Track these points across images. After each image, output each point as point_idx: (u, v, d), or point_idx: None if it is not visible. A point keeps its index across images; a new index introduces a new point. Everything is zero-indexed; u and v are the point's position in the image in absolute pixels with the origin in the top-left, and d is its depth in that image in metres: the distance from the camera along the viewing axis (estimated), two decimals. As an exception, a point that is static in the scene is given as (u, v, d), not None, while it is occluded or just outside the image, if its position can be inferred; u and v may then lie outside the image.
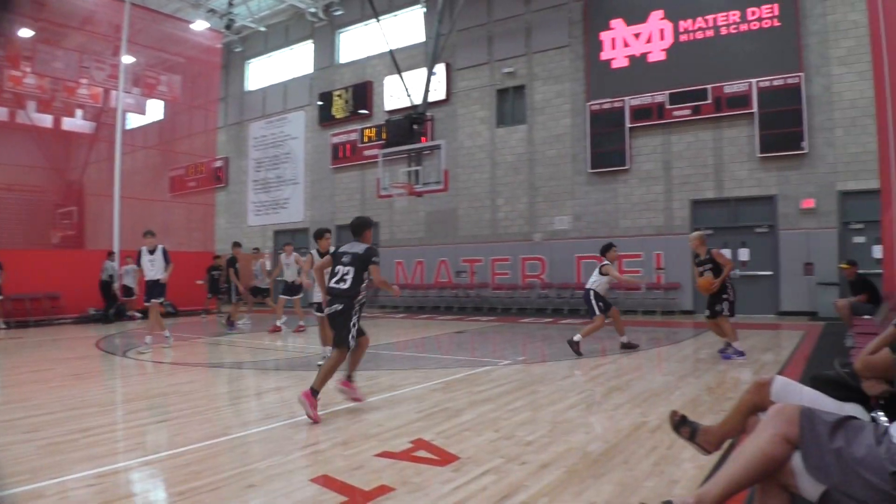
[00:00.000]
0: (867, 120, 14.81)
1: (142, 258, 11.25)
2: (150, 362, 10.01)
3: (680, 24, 17.48)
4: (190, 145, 25.39)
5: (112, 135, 21.15)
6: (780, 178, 16.14)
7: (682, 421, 3.34)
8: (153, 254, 11.17)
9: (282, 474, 4.20)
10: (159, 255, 11.17)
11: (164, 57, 23.69)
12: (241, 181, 27.81)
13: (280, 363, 10.13)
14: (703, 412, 5.74)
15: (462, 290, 20.37)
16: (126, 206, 20.46)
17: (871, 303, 10.59)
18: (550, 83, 19.62)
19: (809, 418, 2.46)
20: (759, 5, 16.36)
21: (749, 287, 16.44)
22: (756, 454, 2.49)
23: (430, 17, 21.05)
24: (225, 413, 6.36)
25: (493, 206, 20.55)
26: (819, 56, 15.73)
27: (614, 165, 18.22)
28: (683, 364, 8.85)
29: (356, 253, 6.28)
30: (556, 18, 19.55)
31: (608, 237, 17.91)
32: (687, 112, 17.13)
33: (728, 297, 9.21)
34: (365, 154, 23.06)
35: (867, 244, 14.98)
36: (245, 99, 27.91)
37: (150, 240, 11.22)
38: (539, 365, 9.09)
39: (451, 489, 3.83)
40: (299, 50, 26.17)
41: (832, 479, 2.31)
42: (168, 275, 11.19)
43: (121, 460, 4.65)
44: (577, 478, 4.00)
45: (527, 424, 5.41)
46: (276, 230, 26.29)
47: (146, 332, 11.45)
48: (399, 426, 5.44)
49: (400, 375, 8.26)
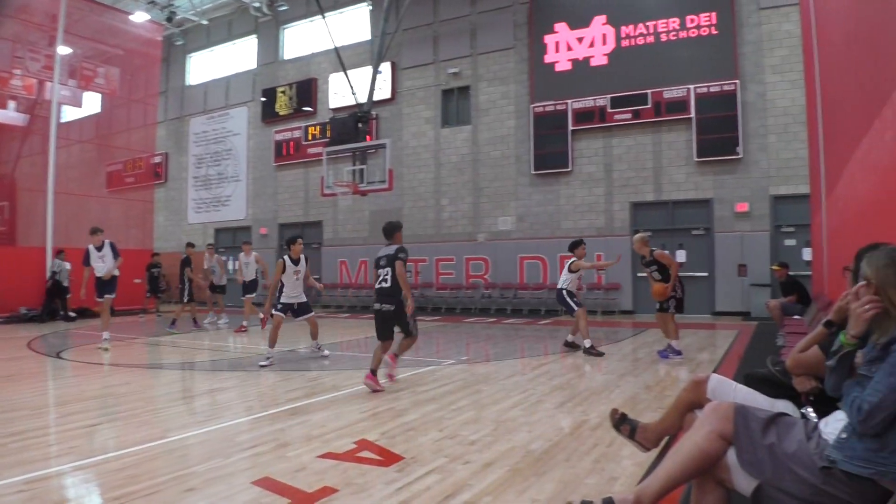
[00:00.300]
0: (798, 127, 15.38)
1: (90, 256, 11.03)
2: (84, 363, 9.71)
3: (622, 30, 17.83)
4: (128, 140, 24.65)
5: (46, 128, 20.39)
6: (716, 182, 16.62)
7: (622, 419, 3.41)
8: (101, 250, 11.04)
9: (222, 477, 4.12)
10: (108, 251, 11.05)
11: (103, 49, 22.96)
12: (182, 178, 27.19)
13: (219, 364, 9.95)
14: (642, 410, 5.88)
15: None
16: (60, 202, 19.77)
17: (800, 303, 10.98)
18: (495, 84, 19.77)
19: (743, 415, 2.55)
20: (698, 13, 16.81)
21: (686, 287, 16.82)
22: (692, 451, 2.57)
23: (375, 15, 20.97)
24: (163, 415, 6.21)
25: (438, 206, 20.59)
26: (754, 64, 16.26)
27: (557, 167, 18.47)
28: (623, 363, 9.02)
29: (389, 254, 7.27)
30: (501, 20, 19.71)
31: (551, 238, 18.21)
32: (628, 116, 17.49)
33: (675, 295, 9.37)
34: (309, 152, 22.82)
35: (798, 247, 15.57)
36: (186, 93, 27.29)
37: (98, 237, 11.05)
38: (483, 364, 9.14)
39: (394, 489, 3.83)
40: (242, 45, 25.73)
41: (765, 474, 2.40)
42: (117, 266, 11.10)
43: (53, 465, 4.49)
44: (520, 476, 4.05)
45: (471, 424, 5.45)
46: (218, 228, 25.80)
47: (102, 329, 11.16)
48: (342, 427, 5.41)
49: (343, 376, 8.20)
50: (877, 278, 2.34)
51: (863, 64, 5.37)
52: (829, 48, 8.65)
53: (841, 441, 2.30)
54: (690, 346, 10.48)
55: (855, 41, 5.86)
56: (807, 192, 14.56)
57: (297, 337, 12.43)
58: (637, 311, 17.30)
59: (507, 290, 19.00)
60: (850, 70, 6.38)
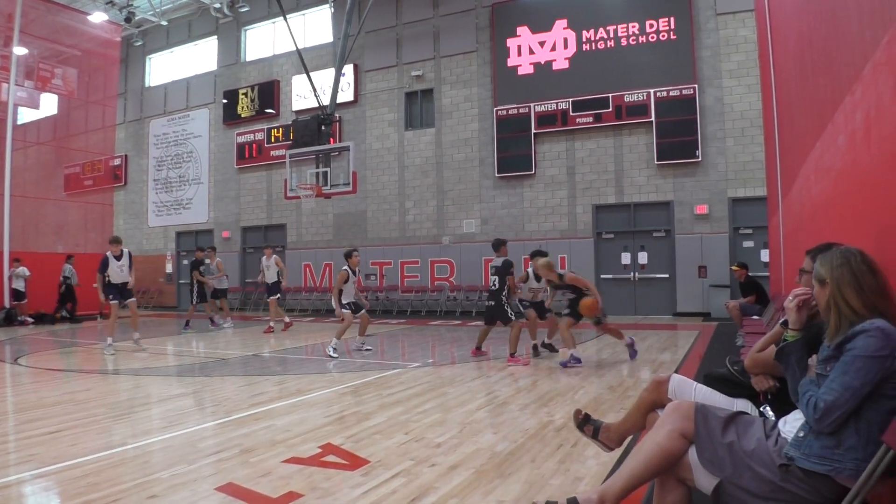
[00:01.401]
0: (755, 131, 15.71)
1: (109, 264, 11.50)
2: (43, 369, 9.49)
3: (583, 34, 18.02)
4: (86, 142, 24.16)
5: (2, 130, 19.89)
6: (676, 185, 16.89)
7: (586, 419, 3.45)
8: (120, 259, 11.54)
9: (185, 483, 4.07)
10: (126, 261, 11.60)
11: (60, 49, 22.46)
12: (142, 180, 26.72)
13: (183, 369, 9.80)
14: (606, 410, 5.95)
15: (371, 293, 20.28)
16: (16, 205, 19.32)
17: (759, 304, 11.19)
18: (458, 87, 19.83)
19: (703, 414, 2.60)
20: (657, 18, 17.07)
21: (647, 289, 17.15)
22: (654, 450, 2.61)
23: (338, 17, 20.86)
24: (124, 422, 6.10)
25: (402, 209, 20.57)
26: (712, 69, 16.57)
27: (520, 170, 18.59)
28: (586, 364, 9.11)
29: (497, 266, 9.58)
30: (464, 23, 19.78)
31: (514, 241, 18.28)
32: (589, 119, 17.68)
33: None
34: (272, 154, 22.63)
35: (756, 248, 15.90)
36: (145, 95, 26.84)
37: (117, 246, 11.57)
38: (448, 367, 9.16)
39: (360, 493, 3.82)
40: (203, 46, 25.39)
41: (725, 472, 2.45)
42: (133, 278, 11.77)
43: (12, 473, 4.39)
44: (485, 478, 4.07)
45: (436, 426, 5.46)
46: (179, 231, 25.42)
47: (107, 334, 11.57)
48: (307, 431, 5.38)
49: (307, 379, 8.15)
50: (831, 277, 2.40)
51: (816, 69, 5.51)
52: (784, 53, 8.86)
53: (798, 439, 2.36)
54: (652, 347, 10.64)
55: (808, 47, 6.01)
56: (764, 195, 14.88)
57: (261, 342, 12.29)
58: (600, 312, 17.46)
59: (472, 292, 19.05)
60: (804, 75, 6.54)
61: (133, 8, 22.24)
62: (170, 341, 13.26)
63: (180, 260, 24.92)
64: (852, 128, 3.84)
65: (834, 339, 2.35)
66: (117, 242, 11.67)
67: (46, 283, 18.55)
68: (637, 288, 17.33)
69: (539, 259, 9.31)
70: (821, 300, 2.47)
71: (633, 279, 17.35)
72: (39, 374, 9.24)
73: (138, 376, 8.99)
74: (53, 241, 22.43)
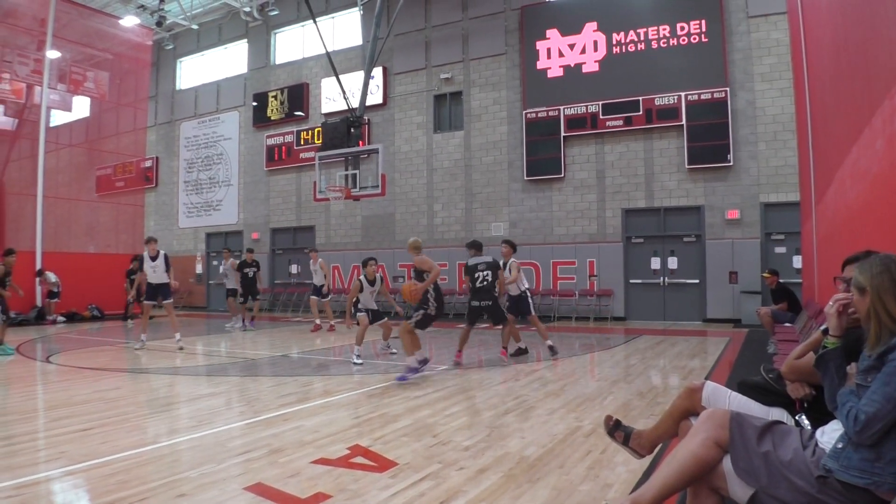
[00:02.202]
0: (788, 135, 15.48)
1: (144, 263, 11.90)
2: (74, 367, 9.64)
3: (613, 37, 17.89)
4: (118, 144, 24.59)
5: (35, 132, 20.30)
6: (707, 189, 16.69)
7: (616, 425, 3.42)
8: (155, 260, 11.78)
9: (214, 483, 4.10)
10: (161, 262, 11.80)
11: (92, 53, 22.89)
12: (172, 182, 27.07)
13: (212, 369, 9.90)
14: (635, 416, 5.89)
15: (398, 295, 20.26)
16: (49, 206, 19.69)
17: (791, 311, 11.03)
18: (487, 90, 19.81)
19: (739, 423, 2.56)
20: (688, 21, 16.90)
21: (676, 294, 16.97)
22: (688, 458, 2.58)
23: (367, 20, 20.93)
24: (153, 420, 6.18)
25: (431, 212, 20.59)
26: (743, 72, 16.36)
27: (549, 173, 18.50)
28: (615, 369, 9.04)
29: (489, 262, 9.77)
30: (493, 26, 19.76)
31: (543, 244, 18.26)
32: (619, 123, 17.55)
33: (427, 309, 8.32)
34: (301, 157, 22.79)
35: (788, 254, 15.65)
36: (176, 98, 27.19)
37: (153, 246, 11.83)
38: (476, 370, 9.14)
39: (388, 495, 3.82)
40: (233, 49, 25.67)
41: (760, 482, 2.41)
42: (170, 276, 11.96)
43: (42, 470, 4.47)
44: (513, 483, 4.05)
45: (464, 430, 5.45)
46: (209, 232, 25.70)
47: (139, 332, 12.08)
48: (335, 432, 5.40)
49: (336, 381, 8.19)
50: (871, 285, 2.35)
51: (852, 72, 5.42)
52: (818, 56, 8.72)
53: (837, 450, 2.31)
54: (682, 354, 10.53)
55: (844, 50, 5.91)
56: (796, 200, 14.65)
57: (289, 343, 12.38)
58: (629, 317, 17.34)
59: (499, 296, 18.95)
60: (839, 78, 6.43)
61: (164, 12, 22.55)
62: (199, 341, 13.40)
63: (210, 261, 25.20)
64: (891, 131, 3.77)
65: (875, 349, 2.30)
66: (152, 241, 11.86)
67: (78, 283, 18.86)
68: (667, 293, 17.16)
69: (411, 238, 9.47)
70: (860, 309, 2.42)
71: (662, 284, 17.17)
72: (70, 372, 9.39)
73: (167, 375, 9.10)
74: (85, 242, 22.84)
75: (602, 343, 12.52)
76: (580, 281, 17.93)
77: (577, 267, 17.99)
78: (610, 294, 17.56)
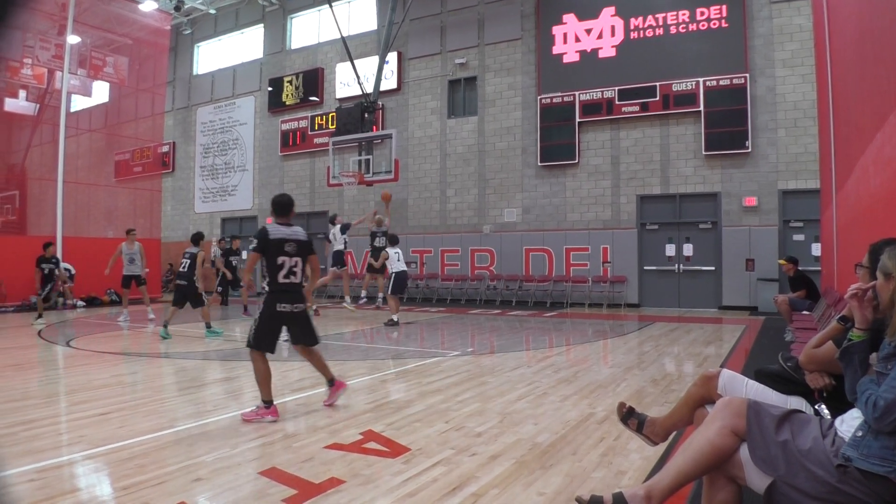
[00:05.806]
0: (808, 122, 15.28)
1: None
2: (93, 352, 9.73)
3: (631, 22, 17.70)
4: (136, 129, 24.67)
5: (56, 117, 20.39)
6: (724, 176, 16.53)
7: (630, 413, 3.38)
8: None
9: (230, 467, 4.12)
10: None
11: (111, 38, 22.93)
12: (189, 167, 27.18)
13: (227, 353, 9.94)
14: (649, 404, 5.85)
15: (411, 281, 20.31)
16: (69, 191, 19.80)
17: (809, 299, 10.91)
18: (502, 75, 19.68)
19: (756, 411, 2.52)
20: (709, 6, 16.68)
21: (692, 281, 16.87)
22: (704, 446, 2.54)
23: (382, 5, 20.86)
24: (171, 405, 6.22)
25: (443, 197, 20.55)
26: (764, 58, 16.13)
27: (563, 159, 18.39)
28: (629, 356, 9.00)
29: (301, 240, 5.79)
30: (508, 11, 19.59)
31: (556, 230, 18.19)
32: (635, 108, 17.39)
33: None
34: (315, 142, 22.78)
35: (806, 242, 15.49)
36: (193, 83, 27.25)
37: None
38: (488, 356, 9.13)
39: (401, 481, 3.82)
40: (250, 34, 25.65)
41: (779, 471, 2.37)
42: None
43: (63, 454, 4.51)
44: (526, 469, 4.03)
45: (476, 416, 5.43)
46: (224, 217, 25.80)
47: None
48: (349, 417, 5.40)
49: (349, 366, 8.19)
50: (897, 271, 2.30)
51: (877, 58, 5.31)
52: (842, 42, 8.58)
53: (857, 439, 2.27)
54: (696, 341, 10.46)
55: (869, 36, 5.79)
56: (816, 187, 14.47)
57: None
58: (643, 304, 17.26)
59: (512, 281, 18.96)
60: (863, 65, 6.32)
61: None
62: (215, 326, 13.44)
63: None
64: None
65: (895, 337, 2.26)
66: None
67: (97, 268, 18.98)
68: (682, 280, 17.05)
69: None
70: (884, 294, 2.37)
71: (677, 271, 17.06)
72: (89, 356, 9.46)
73: (183, 360, 9.15)
74: (104, 227, 22.98)
75: (615, 330, 12.46)
76: (594, 267, 17.84)
77: (591, 253, 17.90)
78: (623, 281, 17.47)
